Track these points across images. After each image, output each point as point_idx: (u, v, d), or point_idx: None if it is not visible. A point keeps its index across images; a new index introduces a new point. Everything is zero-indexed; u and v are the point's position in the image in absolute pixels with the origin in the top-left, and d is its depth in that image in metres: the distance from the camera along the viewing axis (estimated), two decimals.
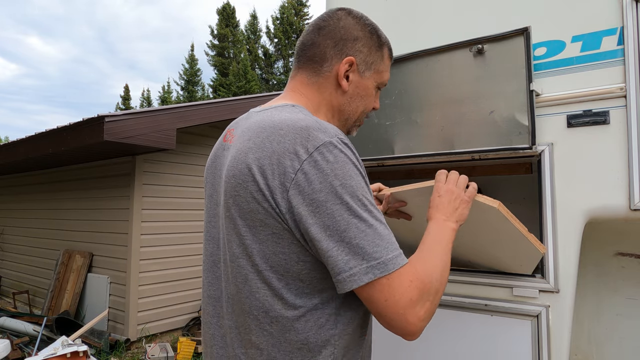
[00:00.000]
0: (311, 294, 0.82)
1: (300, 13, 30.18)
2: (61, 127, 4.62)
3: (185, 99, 30.49)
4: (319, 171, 0.75)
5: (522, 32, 1.20)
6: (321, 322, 0.82)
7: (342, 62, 0.94)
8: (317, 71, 0.96)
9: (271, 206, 0.78)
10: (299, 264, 0.80)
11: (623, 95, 1.10)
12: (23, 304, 6.23)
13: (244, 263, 0.83)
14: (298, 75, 0.99)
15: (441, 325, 1.35)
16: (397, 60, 1.43)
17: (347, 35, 0.95)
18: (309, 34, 0.98)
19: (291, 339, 0.81)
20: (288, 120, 0.82)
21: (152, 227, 5.05)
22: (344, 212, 0.75)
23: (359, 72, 0.96)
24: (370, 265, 0.74)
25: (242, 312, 0.85)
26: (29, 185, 6.98)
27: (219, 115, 5.30)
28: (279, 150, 0.78)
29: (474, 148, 1.29)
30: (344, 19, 0.96)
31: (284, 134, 0.79)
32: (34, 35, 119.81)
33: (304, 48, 0.98)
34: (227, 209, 0.86)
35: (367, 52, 0.97)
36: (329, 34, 0.95)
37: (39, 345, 4.21)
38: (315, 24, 0.98)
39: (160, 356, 4.16)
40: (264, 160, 0.79)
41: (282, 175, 0.76)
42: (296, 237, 0.78)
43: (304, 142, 0.77)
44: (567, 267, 1.15)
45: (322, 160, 0.76)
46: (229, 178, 0.85)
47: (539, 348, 1.17)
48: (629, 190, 1.08)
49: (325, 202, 0.74)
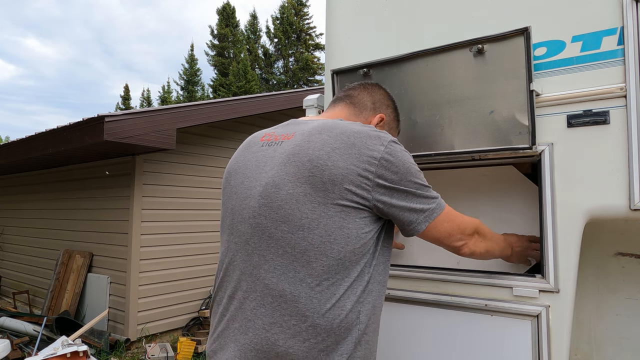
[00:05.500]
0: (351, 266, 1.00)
1: (300, 13, 30.18)
2: (61, 127, 4.62)
3: (185, 99, 30.49)
4: (395, 157, 1.00)
5: (522, 32, 1.20)
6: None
7: (376, 115, 1.24)
8: (357, 114, 1.23)
9: (355, 186, 0.96)
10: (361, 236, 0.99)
11: (623, 95, 1.10)
12: (23, 304, 6.23)
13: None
14: (340, 110, 1.24)
15: (441, 325, 1.35)
16: (397, 60, 1.43)
17: (383, 101, 1.27)
18: (355, 89, 1.27)
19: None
20: (352, 124, 1.05)
21: (152, 227, 5.05)
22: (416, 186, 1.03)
23: (383, 128, 1.25)
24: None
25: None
26: (29, 185, 6.98)
27: (219, 115, 5.31)
28: (358, 144, 0.98)
29: (474, 148, 1.29)
30: (382, 90, 1.30)
31: (357, 131, 1.01)
32: (31, 36, 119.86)
33: (349, 95, 1.26)
34: (294, 187, 0.98)
35: (392, 118, 1.29)
36: (371, 94, 1.26)
37: (39, 345, 4.21)
38: (362, 84, 1.29)
39: (160, 356, 4.17)
40: (345, 150, 0.98)
41: (367, 163, 0.97)
42: (371, 212, 1.00)
43: (377, 139, 1.00)
44: (567, 267, 1.15)
45: (394, 150, 1.01)
46: (296, 162, 0.99)
47: (539, 348, 1.17)
48: (629, 190, 1.08)
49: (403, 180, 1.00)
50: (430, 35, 1.40)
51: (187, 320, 5.39)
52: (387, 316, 1.46)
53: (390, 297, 1.45)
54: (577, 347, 1.42)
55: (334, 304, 0.94)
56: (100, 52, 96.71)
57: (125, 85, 44.97)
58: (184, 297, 5.36)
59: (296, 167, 0.99)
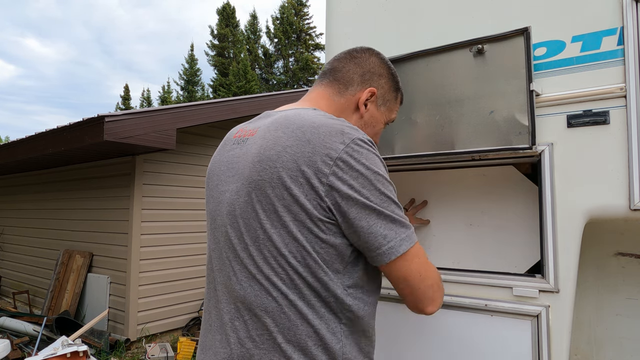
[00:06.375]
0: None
1: (300, 13, 30.18)
2: (61, 127, 4.62)
3: (185, 99, 30.48)
4: (356, 160, 0.84)
5: (522, 32, 1.20)
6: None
7: (365, 90, 1.05)
8: (341, 92, 1.05)
9: (305, 192, 0.83)
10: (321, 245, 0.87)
11: (623, 95, 1.10)
12: (23, 304, 6.23)
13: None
14: (321, 91, 1.07)
15: (441, 325, 1.35)
16: (397, 60, 1.43)
17: (375, 70, 1.08)
18: (340, 59, 1.09)
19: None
20: (317, 116, 0.90)
21: (152, 227, 5.05)
22: (378, 196, 0.85)
23: (376, 103, 1.08)
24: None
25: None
26: (29, 185, 6.98)
27: (219, 115, 5.30)
28: (314, 140, 0.85)
29: (474, 148, 1.29)
30: (374, 56, 1.10)
31: (317, 126, 0.87)
32: (31, 36, 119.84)
33: (333, 70, 1.08)
34: (248, 194, 0.90)
35: (387, 89, 1.10)
36: (359, 64, 1.07)
37: (39, 345, 4.21)
38: (349, 52, 1.10)
39: (160, 356, 4.16)
40: (297, 148, 0.85)
41: (320, 163, 0.83)
42: (330, 220, 0.85)
43: (339, 136, 0.85)
44: (567, 267, 1.15)
45: (357, 151, 0.85)
46: (250, 166, 0.90)
47: (539, 348, 1.17)
48: (629, 190, 1.08)
49: (363, 187, 0.84)
50: (430, 35, 1.40)
51: (187, 320, 5.39)
52: (387, 316, 1.46)
53: (390, 297, 1.45)
54: (577, 347, 1.42)
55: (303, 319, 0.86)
56: (100, 52, 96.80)
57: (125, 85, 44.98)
58: (184, 297, 5.36)
59: (249, 171, 0.90)
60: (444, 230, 1.55)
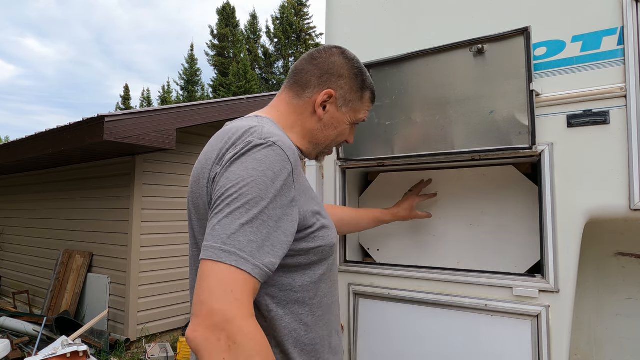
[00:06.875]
0: None
1: (300, 13, 30.18)
2: (61, 127, 4.62)
3: (185, 99, 30.49)
4: (236, 163, 0.82)
5: (522, 32, 1.20)
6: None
7: (322, 92, 1.03)
8: (299, 94, 1.04)
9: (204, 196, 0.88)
10: None
11: (623, 95, 1.10)
12: (23, 304, 6.23)
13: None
14: (282, 94, 1.07)
15: (441, 325, 1.35)
16: (397, 60, 1.43)
17: (334, 71, 1.04)
18: (302, 60, 1.07)
19: None
20: (238, 124, 0.92)
21: (152, 227, 5.05)
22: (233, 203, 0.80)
23: (336, 105, 1.05)
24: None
25: None
26: (29, 185, 6.98)
27: (219, 115, 5.30)
28: (220, 145, 0.88)
29: (474, 148, 1.29)
30: (336, 56, 1.05)
31: (227, 132, 0.90)
32: (31, 36, 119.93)
33: (295, 72, 1.07)
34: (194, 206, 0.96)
35: (347, 90, 1.05)
36: (318, 65, 1.04)
37: (39, 345, 4.21)
38: (310, 53, 1.07)
39: (160, 356, 4.16)
40: (209, 155, 0.90)
41: (213, 165, 0.86)
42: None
43: (232, 139, 0.87)
44: (567, 267, 1.15)
45: (241, 155, 0.83)
46: (192, 177, 0.96)
47: (539, 348, 1.17)
48: (629, 190, 1.08)
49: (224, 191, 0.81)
50: (430, 35, 1.40)
51: (187, 320, 5.39)
52: (387, 316, 1.46)
53: (390, 297, 1.45)
54: (577, 347, 1.42)
55: None
56: (100, 52, 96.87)
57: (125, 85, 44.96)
58: (184, 297, 5.36)
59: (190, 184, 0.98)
60: (444, 230, 1.55)
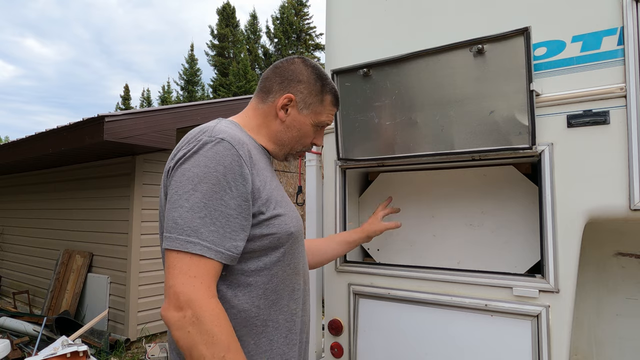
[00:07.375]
0: None
1: (300, 13, 30.17)
2: (61, 127, 4.62)
3: (185, 99, 30.48)
4: (189, 161, 0.93)
5: (522, 32, 1.20)
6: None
7: (283, 96, 1.12)
8: (264, 100, 1.15)
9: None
10: None
11: (623, 95, 1.10)
12: (23, 304, 6.23)
13: None
14: (251, 101, 1.18)
15: (441, 325, 1.35)
16: (397, 60, 1.43)
17: (293, 77, 1.13)
18: (268, 70, 1.17)
19: None
20: (199, 127, 1.02)
21: (152, 227, 5.05)
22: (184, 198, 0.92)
23: (297, 108, 1.13)
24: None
25: None
26: (29, 185, 6.98)
27: (219, 115, 5.23)
28: (177, 146, 1.00)
29: (474, 148, 1.29)
30: (297, 64, 1.15)
31: (188, 134, 1.01)
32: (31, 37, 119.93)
33: (261, 80, 1.17)
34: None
35: (307, 94, 1.14)
36: (279, 73, 1.14)
37: (39, 345, 4.21)
38: (275, 63, 1.18)
39: (160, 356, 4.16)
40: (172, 153, 1.01)
41: (169, 160, 0.98)
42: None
43: (188, 138, 0.98)
44: (567, 267, 1.15)
45: (194, 153, 0.93)
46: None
47: (539, 348, 1.17)
48: (629, 190, 1.08)
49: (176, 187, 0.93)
50: (430, 35, 1.40)
51: None
52: (387, 316, 1.46)
53: (390, 297, 1.45)
54: (577, 347, 1.42)
55: None
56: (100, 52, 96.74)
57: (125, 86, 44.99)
58: None
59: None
60: (444, 230, 1.55)
